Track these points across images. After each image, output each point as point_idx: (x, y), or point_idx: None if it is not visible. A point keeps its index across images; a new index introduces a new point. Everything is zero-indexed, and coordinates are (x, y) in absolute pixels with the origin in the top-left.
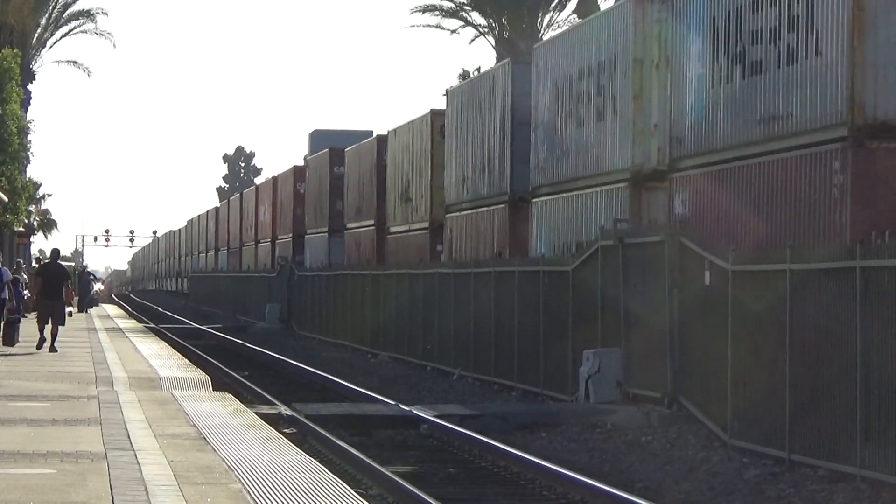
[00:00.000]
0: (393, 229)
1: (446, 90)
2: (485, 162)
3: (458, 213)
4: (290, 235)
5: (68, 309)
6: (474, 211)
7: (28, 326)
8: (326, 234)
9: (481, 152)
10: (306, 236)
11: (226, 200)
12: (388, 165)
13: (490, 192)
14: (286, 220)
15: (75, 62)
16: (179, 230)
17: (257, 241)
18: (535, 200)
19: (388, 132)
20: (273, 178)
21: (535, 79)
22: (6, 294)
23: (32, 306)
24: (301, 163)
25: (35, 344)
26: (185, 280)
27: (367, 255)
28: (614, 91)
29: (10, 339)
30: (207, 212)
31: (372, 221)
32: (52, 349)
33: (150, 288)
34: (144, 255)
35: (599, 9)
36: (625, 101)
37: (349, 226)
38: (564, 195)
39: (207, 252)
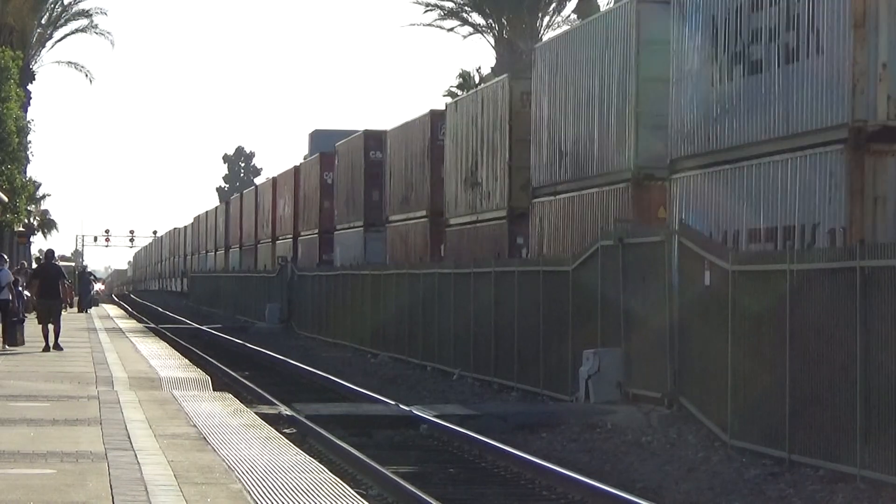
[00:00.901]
0: (454, 220)
1: (533, 48)
2: (593, 131)
3: (550, 198)
4: (316, 231)
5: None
6: (578, 193)
7: (30, 327)
8: (361, 229)
9: (588, 119)
10: (336, 232)
11: (237, 195)
12: (446, 144)
13: (603, 170)
14: (311, 214)
15: (76, 64)
16: (185, 227)
17: (275, 238)
18: (675, 177)
19: (448, 105)
20: (294, 167)
21: (678, 17)
22: (8, 295)
23: (32, 307)
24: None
25: (41, 348)
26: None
27: (418, 251)
28: (817, 20)
29: (13, 339)
30: (217, 207)
31: (424, 212)
32: (56, 347)
33: (153, 288)
34: (147, 254)
35: (599, 9)
36: (836, 33)
37: (392, 218)
38: (726, 168)
39: (216, 251)
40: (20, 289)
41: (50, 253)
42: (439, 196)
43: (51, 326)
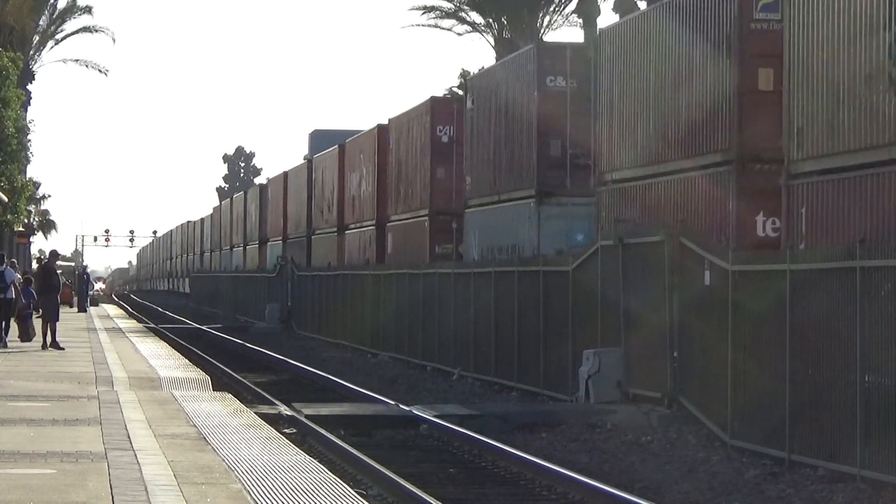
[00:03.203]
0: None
1: None
2: None
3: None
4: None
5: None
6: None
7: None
8: (532, 202)
9: None
10: (470, 210)
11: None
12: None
13: None
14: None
15: (85, 61)
16: (202, 220)
17: (342, 226)
18: None
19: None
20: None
21: None
22: (13, 293)
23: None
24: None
25: (40, 345)
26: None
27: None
28: None
29: (27, 335)
30: (246, 192)
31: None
32: (55, 347)
33: (161, 288)
34: (153, 250)
35: (599, 9)
36: None
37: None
38: None
39: (247, 245)
40: (30, 289)
41: (54, 254)
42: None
43: (49, 326)
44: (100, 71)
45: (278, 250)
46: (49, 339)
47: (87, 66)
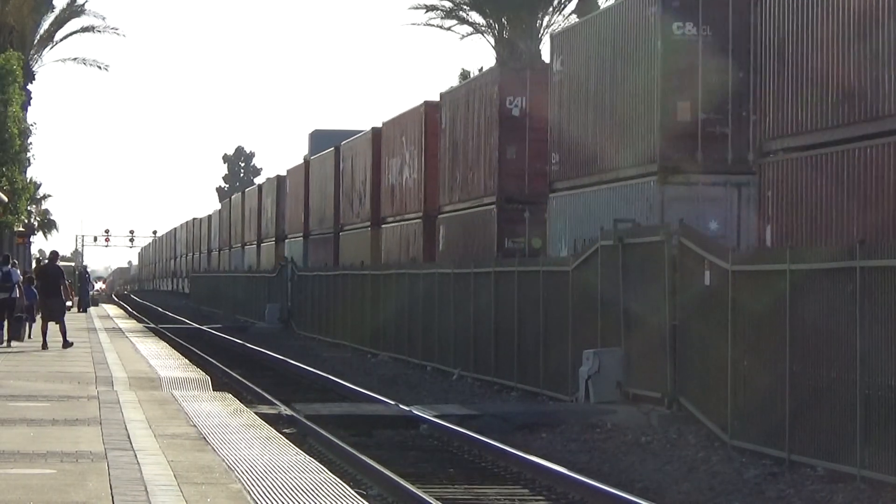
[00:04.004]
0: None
1: None
2: None
3: None
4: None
5: (67, 303)
6: None
7: (38, 325)
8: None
9: None
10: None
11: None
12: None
13: None
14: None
15: (86, 60)
16: (209, 216)
17: (377, 219)
18: None
19: None
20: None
21: None
22: (17, 293)
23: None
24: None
25: (40, 345)
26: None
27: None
28: None
29: (18, 334)
30: (261, 186)
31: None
32: (67, 344)
33: (164, 288)
34: (155, 249)
35: (599, 9)
36: None
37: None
38: None
39: (261, 243)
40: (33, 288)
41: (54, 255)
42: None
43: (57, 327)
44: (100, 67)
45: (298, 248)
46: (61, 338)
47: (86, 63)
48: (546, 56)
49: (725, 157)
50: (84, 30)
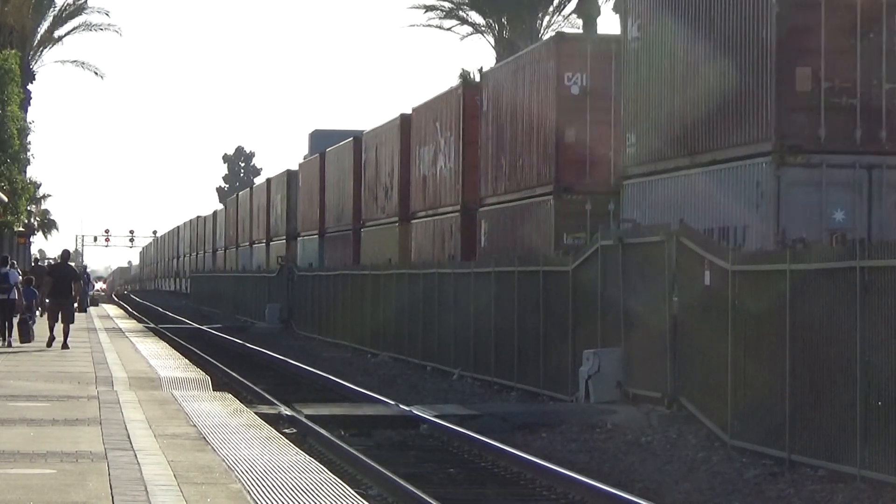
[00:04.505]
0: None
1: None
2: None
3: None
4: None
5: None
6: None
7: (39, 324)
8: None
9: None
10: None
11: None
12: None
13: None
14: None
15: (81, 62)
16: (214, 214)
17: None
18: None
19: None
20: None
21: None
22: (15, 294)
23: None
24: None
25: (45, 342)
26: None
27: None
28: None
29: (28, 337)
30: (270, 181)
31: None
32: (65, 346)
33: (167, 288)
34: (157, 248)
35: (599, 9)
36: None
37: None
38: None
39: (270, 241)
40: (32, 288)
41: (66, 254)
42: None
43: (60, 326)
44: (96, 73)
45: (313, 246)
46: (62, 338)
47: (83, 66)
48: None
49: (852, 133)
50: (84, 27)
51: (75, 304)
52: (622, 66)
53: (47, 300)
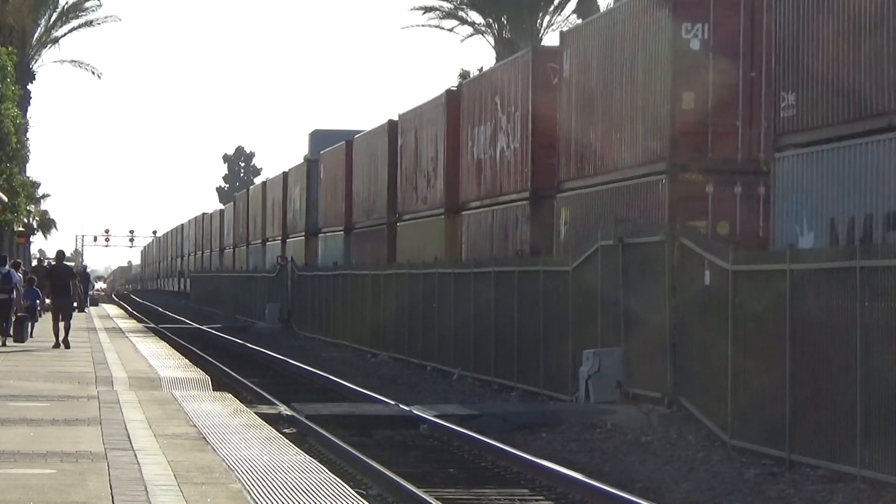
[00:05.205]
0: None
1: None
2: None
3: None
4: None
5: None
6: None
7: (41, 324)
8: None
9: None
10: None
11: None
12: None
13: None
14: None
15: (80, 62)
16: (221, 211)
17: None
18: None
19: None
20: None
21: None
22: (15, 294)
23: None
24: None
25: (51, 344)
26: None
27: None
28: None
29: (21, 336)
30: (286, 174)
31: None
32: (66, 345)
33: (170, 289)
34: (160, 247)
35: (599, 9)
36: None
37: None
38: None
39: (287, 238)
40: (35, 288)
41: (61, 254)
42: None
43: (62, 324)
44: (93, 72)
45: (338, 244)
46: (62, 336)
47: (81, 66)
48: None
49: None
50: (85, 24)
51: (74, 304)
52: (766, 11)
53: (48, 300)
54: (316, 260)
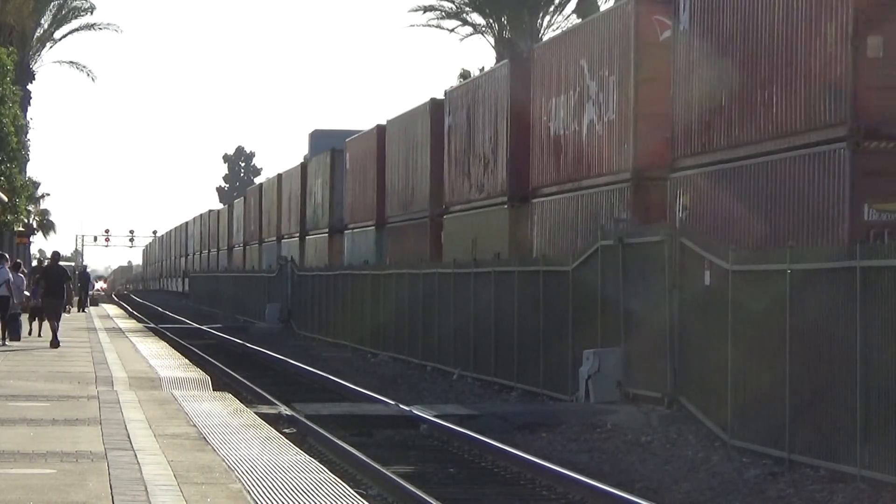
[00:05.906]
0: None
1: None
2: None
3: None
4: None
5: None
6: None
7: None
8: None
9: None
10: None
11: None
12: None
13: None
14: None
15: (77, 64)
16: (229, 207)
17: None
18: None
19: None
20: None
21: None
22: (6, 291)
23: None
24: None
25: (48, 342)
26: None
27: None
28: None
29: (16, 335)
30: (305, 166)
31: None
32: (52, 344)
33: (173, 289)
34: (162, 246)
35: (599, 10)
36: None
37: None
38: None
39: (306, 235)
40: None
41: (56, 255)
42: None
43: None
44: (88, 74)
45: (368, 241)
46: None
47: (78, 67)
48: None
49: None
50: (85, 27)
51: (67, 306)
52: None
53: (40, 300)
54: (342, 259)
